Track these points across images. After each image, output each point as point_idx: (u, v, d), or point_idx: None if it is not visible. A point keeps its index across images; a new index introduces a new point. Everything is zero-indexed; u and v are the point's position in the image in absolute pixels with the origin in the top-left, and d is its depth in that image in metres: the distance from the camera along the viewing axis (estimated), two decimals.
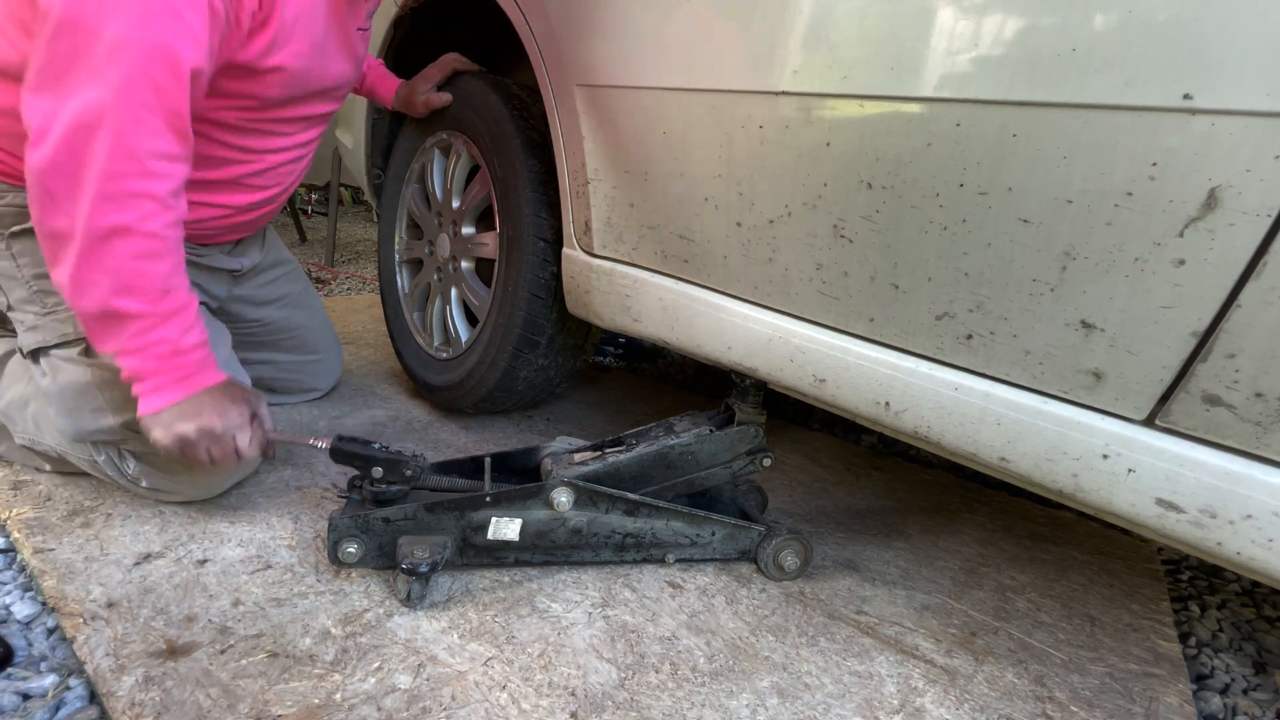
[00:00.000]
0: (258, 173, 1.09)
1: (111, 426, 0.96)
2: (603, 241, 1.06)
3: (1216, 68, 0.52)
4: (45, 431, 1.02)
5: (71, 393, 0.96)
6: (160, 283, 0.85)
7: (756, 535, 1.02)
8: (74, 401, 0.96)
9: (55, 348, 0.98)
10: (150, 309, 0.85)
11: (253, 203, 1.13)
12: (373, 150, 1.74)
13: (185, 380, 0.89)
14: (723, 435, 1.01)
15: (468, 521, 0.91)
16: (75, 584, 0.84)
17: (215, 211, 1.09)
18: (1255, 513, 0.57)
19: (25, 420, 1.04)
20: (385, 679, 0.75)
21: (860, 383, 0.80)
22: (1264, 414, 0.56)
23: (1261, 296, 0.54)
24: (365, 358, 1.88)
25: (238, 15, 0.86)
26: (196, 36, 0.80)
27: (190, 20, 0.79)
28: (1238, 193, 0.53)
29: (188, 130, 0.85)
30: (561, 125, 1.08)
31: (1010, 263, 0.66)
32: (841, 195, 0.76)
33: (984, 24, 0.63)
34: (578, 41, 1.02)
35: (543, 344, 1.26)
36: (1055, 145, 0.60)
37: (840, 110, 0.74)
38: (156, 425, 0.88)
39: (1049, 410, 0.67)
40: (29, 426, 1.03)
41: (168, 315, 0.87)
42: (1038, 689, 0.85)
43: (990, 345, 0.70)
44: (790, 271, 0.84)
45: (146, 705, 0.68)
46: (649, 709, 0.75)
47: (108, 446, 1.00)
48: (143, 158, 0.80)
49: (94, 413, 0.96)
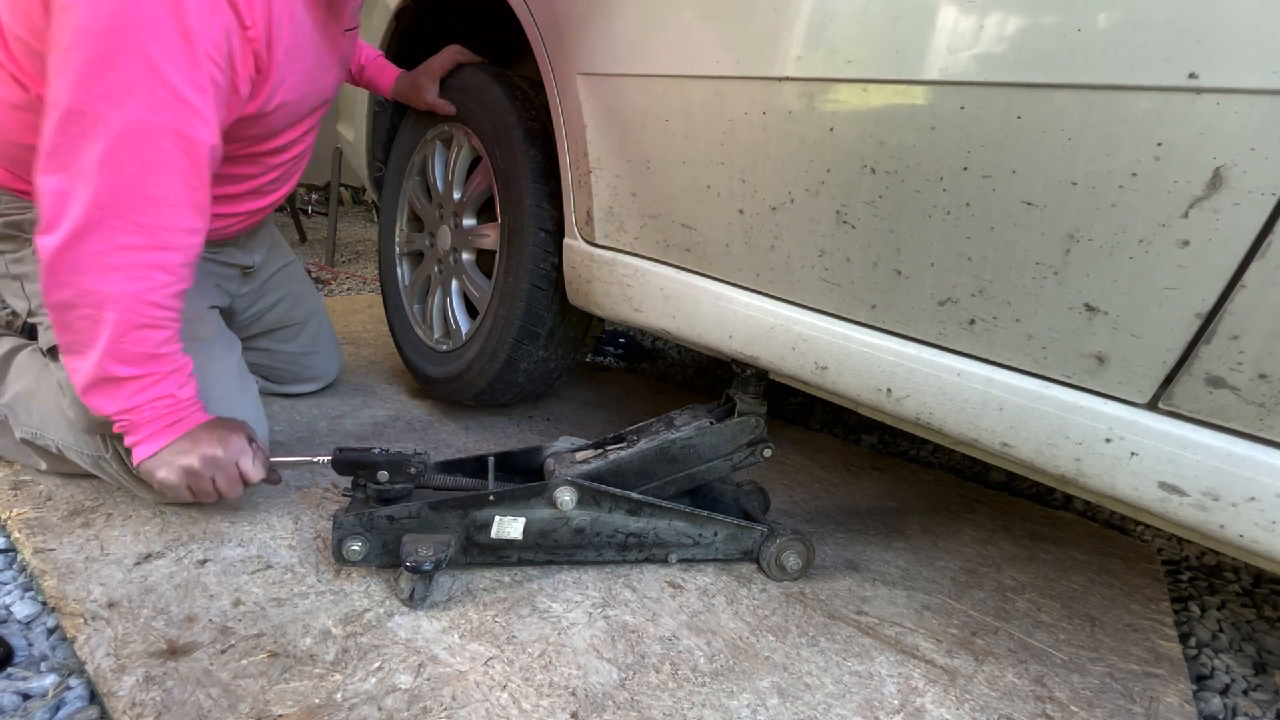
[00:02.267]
0: (271, 181, 1.14)
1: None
2: (604, 231, 1.06)
3: (1222, 46, 0.52)
4: (50, 426, 1.02)
5: None
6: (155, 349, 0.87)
7: (759, 536, 1.01)
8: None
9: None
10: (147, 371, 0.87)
11: (266, 205, 1.18)
12: (374, 143, 1.74)
13: (178, 423, 0.90)
14: (724, 427, 1.00)
15: (471, 520, 0.91)
16: (75, 584, 0.83)
17: (234, 220, 1.14)
18: (1259, 495, 0.57)
19: (30, 414, 1.03)
20: (386, 679, 0.74)
21: (862, 369, 0.80)
22: (1268, 395, 0.55)
23: (1266, 276, 0.53)
24: (365, 358, 1.88)
25: (235, 83, 0.87)
26: (206, 118, 0.82)
27: (198, 104, 0.80)
28: (1242, 172, 0.53)
29: (207, 206, 0.87)
30: (564, 114, 1.08)
31: (1014, 246, 0.65)
32: (844, 181, 0.76)
33: (988, 6, 0.63)
34: (580, 30, 1.02)
35: (543, 335, 1.26)
36: (1060, 127, 0.60)
37: (843, 96, 0.74)
38: (159, 466, 0.88)
39: (1051, 395, 0.67)
40: (33, 420, 1.03)
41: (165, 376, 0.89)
42: (1038, 689, 0.85)
43: (993, 330, 0.69)
44: (792, 259, 0.83)
45: (147, 705, 0.67)
46: (649, 709, 0.74)
47: (117, 440, 0.98)
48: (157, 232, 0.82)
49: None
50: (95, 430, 0.97)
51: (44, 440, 1.02)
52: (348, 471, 0.89)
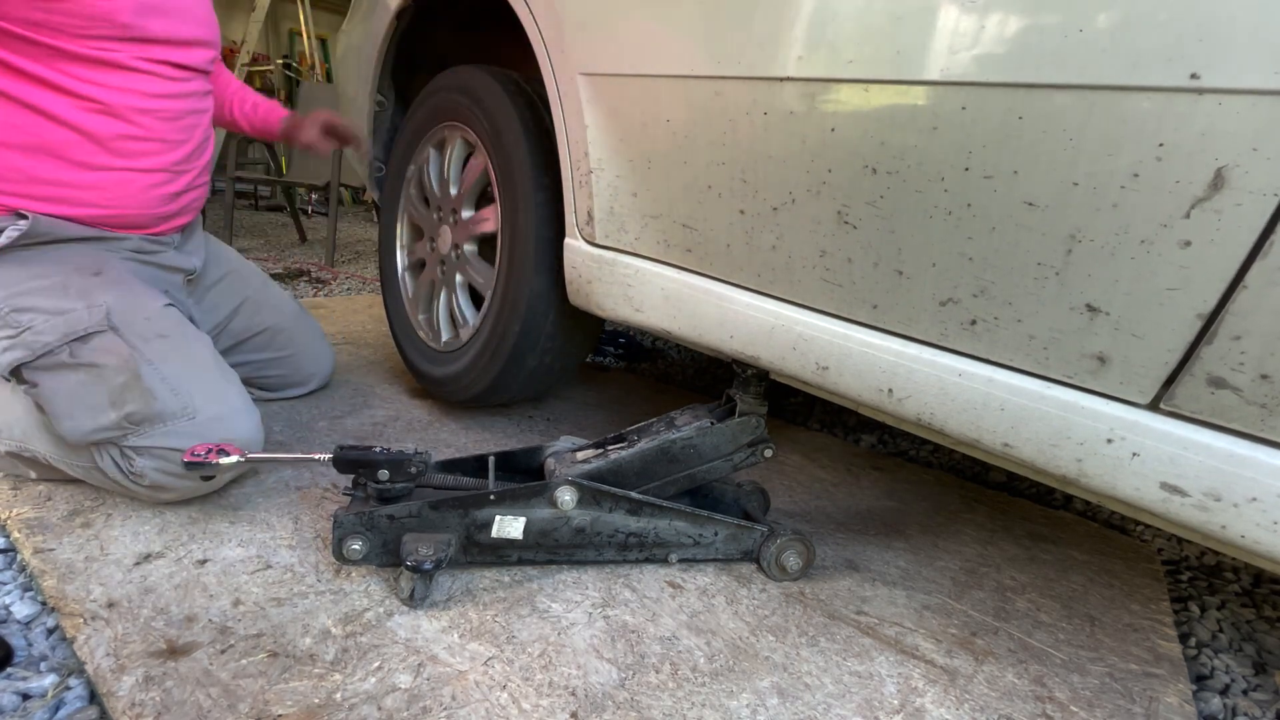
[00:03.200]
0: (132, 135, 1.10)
1: (111, 422, 0.93)
2: (605, 231, 1.06)
3: (1223, 47, 0.52)
4: (33, 438, 1.00)
5: (63, 395, 0.94)
6: None
7: (759, 536, 1.01)
8: (68, 404, 0.94)
9: (38, 359, 0.96)
10: None
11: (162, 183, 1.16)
12: (374, 143, 1.74)
13: None
14: (724, 427, 1.00)
15: (472, 519, 0.91)
16: (75, 584, 0.83)
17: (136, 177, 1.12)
18: (1260, 495, 0.57)
19: (11, 429, 1.01)
20: (385, 679, 0.74)
21: (863, 370, 0.80)
22: (1269, 396, 0.55)
23: (1268, 277, 0.53)
24: (365, 358, 1.87)
25: None
26: None
27: None
28: (1245, 172, 0.53)
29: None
30: (564, 115, 1.08)
31: (1015, 246, 0.65)
32: (845, 181, 0.76)
33: (989, 6, 0.63)
34: (581, 30, 1.02)
35: (544, 336, 1.25)
36: (1062, 127, 0.60)
37: (844, 96, 0.74)
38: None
39: (1053, 395, 0.67)
40: (14, 435, 1.01)
41: None
42: (1038, 689, 0.85)
43: (994, 330, 0.69)
44: (793, 259, 0.83)
45: (147, 705, 0.67)
46: (649, 709, 0.74)
47: (110, 448, 0.95)
48: None
49: (91, 410, 0.93)
50: (86, 440, 0.95)
51: (30, 452, 1.01)
52: (348, 470, 0.89)
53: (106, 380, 0.93)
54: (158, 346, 0.99)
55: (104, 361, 0.93)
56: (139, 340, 0.97)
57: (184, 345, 1.03)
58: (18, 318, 0.97)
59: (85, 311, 0.97)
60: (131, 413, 0.92)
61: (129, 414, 0.93)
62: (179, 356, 1.00)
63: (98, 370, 0.94)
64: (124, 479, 0.96)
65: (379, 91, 1.68)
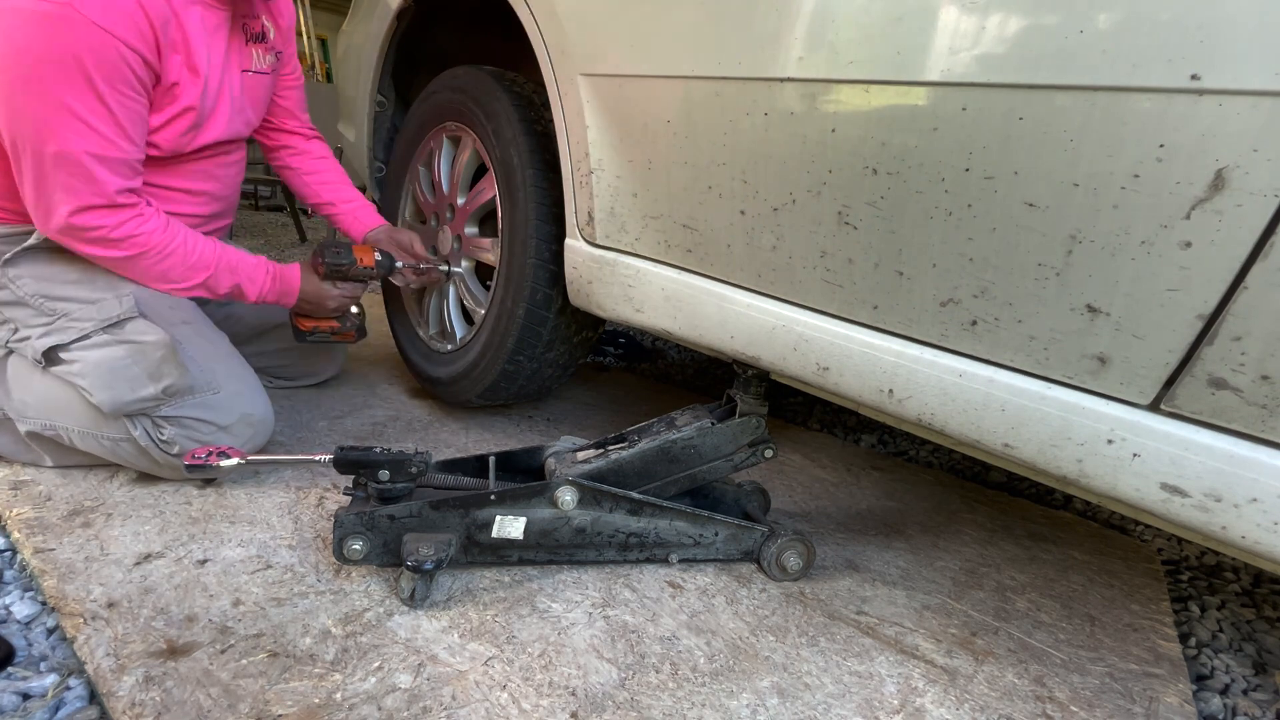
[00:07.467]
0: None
1: (150, 394, 1.01)
2: (605, 232, 1.06)
3: (1224, 48, 0.52)
4: (61, 414, 1.04)
5: (105, 369, 1.00)
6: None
7: (759, 536, 1.01)
8: (109, 377, 1.00)
9: (75, 343, 1.02)
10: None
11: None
12: (375, 144, 1.74)
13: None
14: (725, 427, 1.00)
15: (472, 519, 0.91)
16: (75, 584, 0.83)
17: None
18: (1261, 496, 0.57)
19: (35, 407, 1.05)
20: (386, 678, 0.74)
21: (864, 370, 0.80)
22: (1270, 397, 0.55)
23: (1268, 278, 0.53)
24: (365, 358, 1.87)
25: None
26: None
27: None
28: (1245, 173, 0.53)
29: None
30: (565, 115, 1.08)
31: (1016, 247, 0.65)
32: (846, 182, 0.76)
33: (990, 7, 0.63)
34: (582, 30, 1.02)
35: (545, 336, 1.25)
36: (1062, 128, 0.60)
37: (845, 97, 0.74)
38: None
39: (1053, 396, 0.67)
40: (42, 412, 1.05)
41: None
42: (1038, 689, 0.85)
43: (995, 331, 0.69)
44: (794, 259, 0.83)
45: (147, 705, 0.67)
46: (649, 709, 0.74)
47: (143, 418, 1.03)
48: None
49: (131, 383, 1.00)
50: (123, 411, 1.01)
51: (54, 430, 1.04)
52: (349, 471, 0.89)
53: (147, 355, 1.01)
54: (182, 330, 1.09)
55: (144, 339, 1.02)
56: (165, 325, 1.06)
57: (204, 330, 1.15)
58: (53, 305, 1.05)
59: (115, 300, 1.05)
60: (169, 385, 1.02)
61: (166, 386, 1.02)
62: (201, 339, 1.11)
63: (139, 347, 1.02)
64: (154, 447, 1.03)
65: (379, 92, 1.68)
